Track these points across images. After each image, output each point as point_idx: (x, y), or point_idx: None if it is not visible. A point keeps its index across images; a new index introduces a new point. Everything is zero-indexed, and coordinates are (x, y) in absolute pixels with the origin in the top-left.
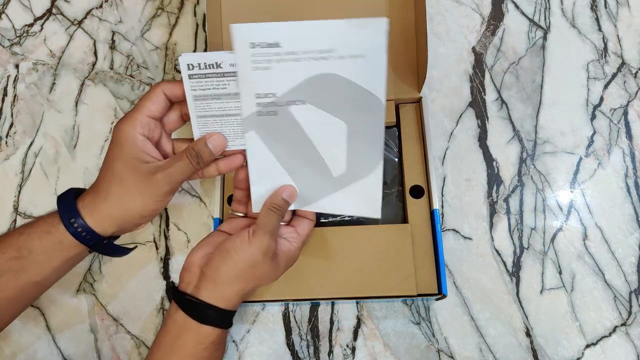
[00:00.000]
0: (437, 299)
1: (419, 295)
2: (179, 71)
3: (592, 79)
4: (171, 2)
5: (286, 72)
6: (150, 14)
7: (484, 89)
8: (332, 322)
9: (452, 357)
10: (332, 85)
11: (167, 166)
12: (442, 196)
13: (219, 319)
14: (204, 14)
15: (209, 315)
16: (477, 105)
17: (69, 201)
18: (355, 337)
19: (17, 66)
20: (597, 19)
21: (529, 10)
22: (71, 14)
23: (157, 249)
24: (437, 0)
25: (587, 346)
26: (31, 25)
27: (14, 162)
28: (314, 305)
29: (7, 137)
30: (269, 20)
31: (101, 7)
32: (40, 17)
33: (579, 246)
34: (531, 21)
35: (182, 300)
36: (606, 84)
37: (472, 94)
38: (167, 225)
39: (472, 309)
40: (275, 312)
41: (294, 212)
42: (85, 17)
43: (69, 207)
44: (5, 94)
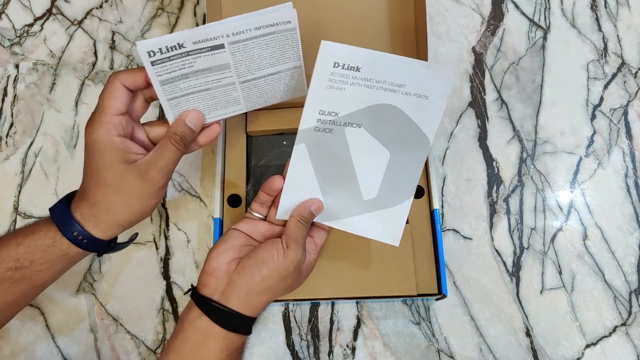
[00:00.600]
0: (437, 299)
1: (419, 295)
2: None
3: (592, 79)
4: (171, 2)
5: (355, 95)
6: (150, 14)
7: (484, 89)
8: (332, 322)
9: (452, 357)
10: (390, 116)
11: (156, 160)
12: (442, 196)
13: (245, 326)
14: (204, 14)
15: (237, 322)
16: (477, 105)
17: (65, 214)
18: (355, 337)
19: (17, 66)
20: (597, 19)
21: (529, 10)
22: (71, 14)
23: (157, 249)
24: (437, 0)
25: (587, 346)
26: (31, 25)
27: (14, 162)
28: (314, 305)
29: (7, 137)
30: None
31: (101, 7)
32: (40, 17)
33: (579, 246)
34: (531, 21)
35: (209, 306)
36: (606, 84)
37: (472, 94)
38: (167, 225)
39: (472, 309)
40: (275, 312)
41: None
42: (85, 17)
43: (69, 221)
44: (5, 94)
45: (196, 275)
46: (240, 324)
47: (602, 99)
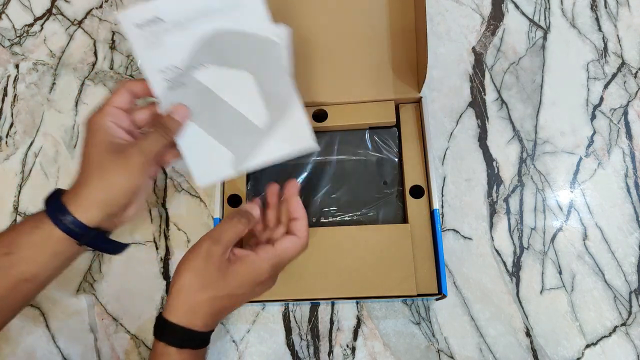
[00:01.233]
0: (437, 299)
1: (419, 295)
2: None
3: (592, 79)
4: None
5: (179, 42)
6: None
7: (484, 89)
8: (332, 322)
9: (452, 357)
10: (223, 41)
11: (140, 141)
12: (442, 196)
13: (193, 341)
14: None
15: (180, 336)
16: (477, 105)
17: (55, 197)
18: (355, 337)
19: (17, 66)
20: (597, 19)
21: (529, 10)
22: (71, 14)
23: (157, 249)
24: (437, 0)
25: (587, 346)
26: (31, 25)
27: (14, 162)
28: (314, 305)
29: (7, 137)
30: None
31: (101, 7)
32: (40, 17)
33: (579, 246)
34: (531, 21)
35: (156, 325)
36: (606, 84)
37: (472, 94)
38: (167, 225)
39: (472, 309)
40: (275, 312)
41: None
42: (85, 17)
43: (55, 202)
44: (5, 94)
45: None
46: (186, 339)
47: (602, 99)
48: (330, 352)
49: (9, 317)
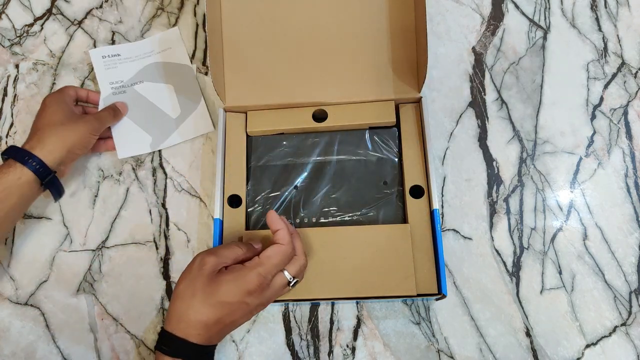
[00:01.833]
0: (437, 299)
1: (419, 295)
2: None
3: (592, 79)
4: (171, 2)
5: (127, 68)
6: (150, 14)
7: (484, 89)
8: (332, 322)
9: (452, 357)
10: (157, 66)
11: (96, 112)
12: (442, 196)
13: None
14: (204, 14)
15: (175, 346)
16: (477, 105)
17: (17, 147)
18: (355, 337)
19: (17, 66)
20: (597, 19)
21: (529, 10)
22: (71, 14)
23: (157, 249)
24: (437, 0)
25: (587, 346)
26: (31, 25)
27: None
28: (314, 305)
29: (7, 137)
30: (268, 19)
31: (101, 7)
32: (40, 17)
33: (579, 246)
34: (531, 21)
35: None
36: (606, 84)
37: (472, 94)
38: (167, 225)
39: (472, 309)
40: (275, 312)
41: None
42: (85, 17)
43: (19, 151)
44: (5, 94)
45: None
46: (179, 348)
47: (602, 99)
48: (330, 352)
49: None
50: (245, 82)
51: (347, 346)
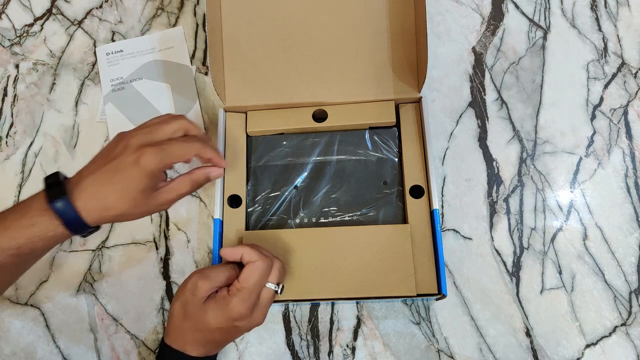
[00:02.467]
0: (437, 299)
1: (419, 295)
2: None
3: (592, 79)
4: (171, 2)
5: (128, 64)
6: (150, 14)
7: (484, 89)
8: (332, 322)
9: (452, 357)
10: (157, 64)
11: (173, 185)
12: (442, 196)
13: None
14: (204, 14)
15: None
16: (477, 105)
17: (69, 206)
18: (355, 337)
19: (17, 66)
20: (597, 19)
21: (529, 10)
22: (71, 14)
23: (157, 249)
24: (437, 0)
25: (587, 346)
26: (31, 25)
27: (14, 162)
28: (314, 305)
29: (7, 137)
30: (268, 19)
31: (101, 7)
32: (40, 17)
33: (579, 246)
34: (531, 21)
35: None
36: (606, 84)
37: (472, 94)
38: (167, 225)
39: (472, 309)
40: (275, 312)
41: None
42: (85, 17)
43: (63, 201)
44: (5, 94)
45: None
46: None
47: (602, 99)
48: (330, 352)
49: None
50: (245, 82)
51: (347, 346)
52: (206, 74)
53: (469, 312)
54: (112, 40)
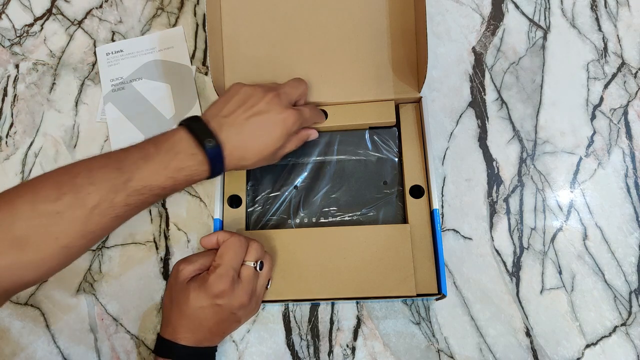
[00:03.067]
0: (437, 299)
1: (419, 295)
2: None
3: (592, 79)
4: (171, 2)
5: (128, 64)
6: (150, 14)
7: (484, 89)
8: (332, 322)
9: (452, 357)
10: (157, 64)
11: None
12: (442, 196)
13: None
14: (204, 14)
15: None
16: (477, 105)
17: (219, 154)
18: (355, 337)
19: (17, 66)
20: (597, 19)
21: (529, 10)
22: (71, 14)
23: (157, 249)
24: (437, 0)
25: (587, 346)
26: (31, 25)
27: (14, 162)
28: (314, 305)
29: (7, 137)
30: (268, 19)
31: (101, 7)
32: (40, 17)
33: (579, 246)
34: (531, 21)
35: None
36: (606, 84)
37: (472, 94)
38: (167, 225)
39: (472, 309)
40: (275, 312)
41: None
42: (85, 17)
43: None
44: (5, 94)
45: None
46: (167, 349)
47: (602, 99)
48: (330, 352)
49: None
50: (245, 82)
51: (347, 346)
52: (206, 74)
53: (469, 312)
54: (112, 40)
